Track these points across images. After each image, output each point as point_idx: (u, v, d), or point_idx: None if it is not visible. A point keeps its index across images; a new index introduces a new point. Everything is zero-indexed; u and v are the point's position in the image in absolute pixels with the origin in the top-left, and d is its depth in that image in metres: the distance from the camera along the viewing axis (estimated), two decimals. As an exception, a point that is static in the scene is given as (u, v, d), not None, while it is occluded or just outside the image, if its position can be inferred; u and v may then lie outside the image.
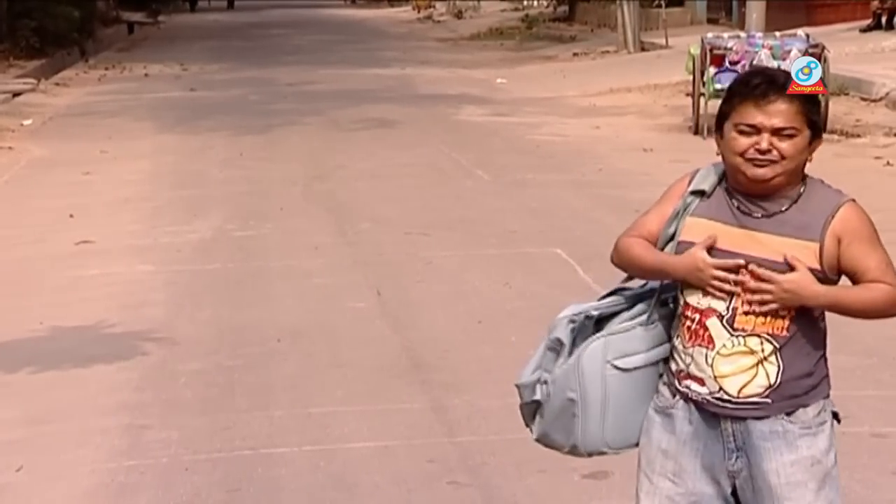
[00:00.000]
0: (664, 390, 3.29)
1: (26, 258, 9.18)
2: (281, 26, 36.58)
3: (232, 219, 10.19)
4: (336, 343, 7.03)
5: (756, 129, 3.13)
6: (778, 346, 3.16)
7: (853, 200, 3.21)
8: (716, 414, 3.21)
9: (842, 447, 5.29)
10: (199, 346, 7.02)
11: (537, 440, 3.43)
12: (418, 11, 41.01)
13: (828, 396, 3.26)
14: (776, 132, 3.12)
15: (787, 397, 3.18)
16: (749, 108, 3.14)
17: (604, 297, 3.39)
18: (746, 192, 3.19)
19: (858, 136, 13.65)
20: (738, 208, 3.19)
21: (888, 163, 12.09)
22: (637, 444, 3.35)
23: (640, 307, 3.33)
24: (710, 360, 3.18)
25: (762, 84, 3.14)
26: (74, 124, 16.37)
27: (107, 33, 31.28)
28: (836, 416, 3.29)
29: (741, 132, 3.15)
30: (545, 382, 3.35)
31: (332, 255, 8.99)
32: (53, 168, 12.97)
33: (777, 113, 3.12)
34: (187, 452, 5.53)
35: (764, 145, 3.12)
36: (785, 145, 3.13)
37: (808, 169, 3.27)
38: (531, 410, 3.40)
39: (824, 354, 3.25)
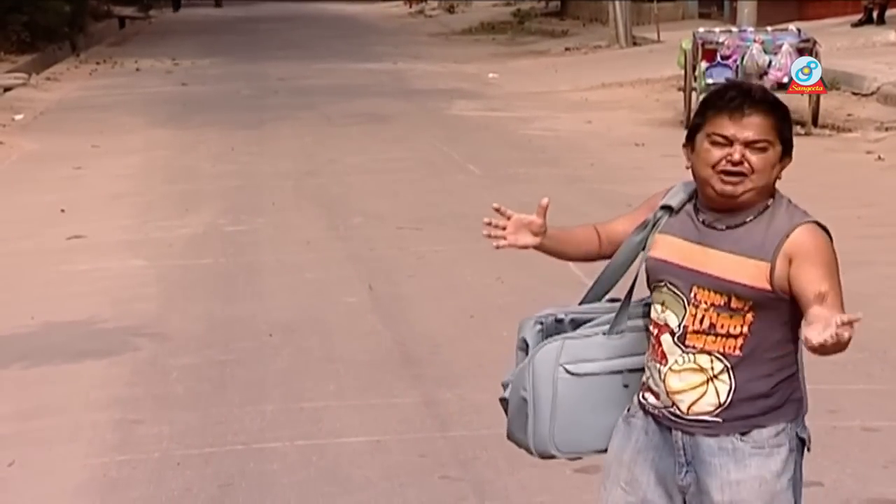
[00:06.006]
0: (635, 399, 3.29)
1: (17, 253, 9.17)
2: (272, 21, 36.54)
3: (224, 213, 10.19)
4: (328, 338, 7.03)
5: (729, 141, 3.10)
6: (730, 364, 3.12)
7: (815, 223, 3.13)
8: (669, 427, 3.20)
9: (833, 441, 5.34)
10: (190, 340, 7.02)
11: (507, 437, 3.44)
12: (410, 6, 40.96)
13: (794, 420, 3.18)
14: (748, 144, 3.09)
15: (740, 417, 3.13)
16: (723, 119, 3.11)
17: (582, 302, 3.40)
18: (713, 208, 3.17)
19: (850, 130, 13.67)
20: (702, 222, 3.17)
21: (879, 157, 12.10)
22: (592, 453, 3.35)
23: (609, 317, 3.32)
24: (662, 376, 3.18)
25: (737, 97, 3.11)
26: (65, 119, 16.34)
27: (98, 28, 31.21)
28: (804, 442, 3.20)
29: (714, 143, 3.12)
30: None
31: (324, 249, 8.99)
32: (44, 163, 12.95)
33: (750, 125, 3.09)
34: (179, 447, 5.53)
35: (736, 156, 3.08)
36: (756, 158, 3.10)
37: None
38: (506, 408, 3.42)
39: (795, 375, 3.18)
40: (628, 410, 3.29)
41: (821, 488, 4.89)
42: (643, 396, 3.24)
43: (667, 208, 3.25)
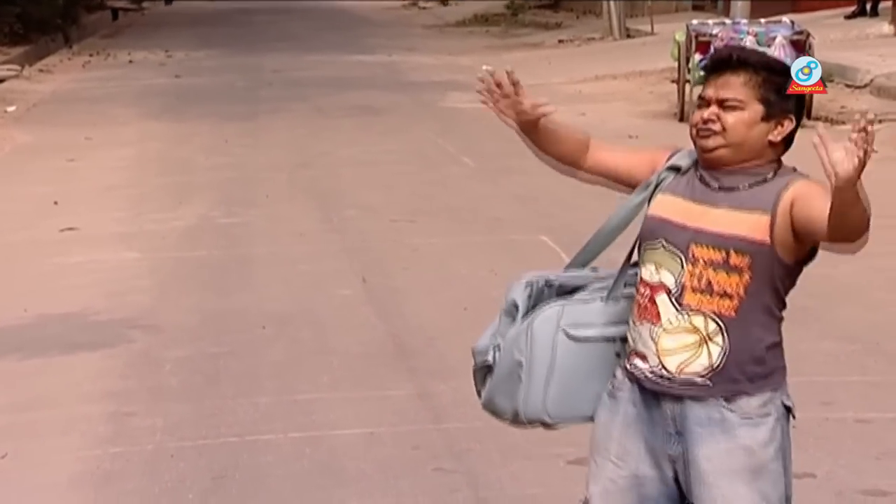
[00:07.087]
0: (618, 372, 3.30)
1: (10, 245, 9.16)
2: (266, 13, 36.47)
3: (217, 206, 10.18)
4: (322, 330, 7.04)
5: (706, 102, 3.24)
6: (723, 325, 3.15)
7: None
8: (656, 394, 3.21)
9: (826, 432, 5.36)
10: (184, 333, 7.02)
11: (484, 406, 3.44)
12: (404, -2, 40.87)
13: (778, 389, 3.20)
14: (720, 103, 3.21)
15: (729, 381, 3.16)
16: (705, 83, 3.28)
17: (570, 265, 3.44)
18: (706, 167, 3.24)
19: (843, 122, 13.66)
20: (700, 179, 3.24)
21: (873, 149, 12.09)
22: (581, 421, 3.35)
23: (605, 283, 3.36)
24: (654, 336, 3.20)
25: (713, 60, 3.30)
26: (59, 111, 16.31)
27: (91, 19, 31.10)
28: (789, 410, 3.23)
29: (699, 106, 3.27)
30: (499, 347, 3.36)
31: (318, 241, 8.99)
32: (38, 155, 12.93)
33: (722, 85, 3.22)
34: (172, 439, 5.53)
35: (706, 114, 3.21)
36: (728, 117, 3.20)
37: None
38: (483, 376, 3.41)
39: (779, 344, 3.23)
40: (613, 385, 3.29)
41: (813, 480, 4.90)
42: (630, 364, 3.25)
43: (674, 169, 3.31)
